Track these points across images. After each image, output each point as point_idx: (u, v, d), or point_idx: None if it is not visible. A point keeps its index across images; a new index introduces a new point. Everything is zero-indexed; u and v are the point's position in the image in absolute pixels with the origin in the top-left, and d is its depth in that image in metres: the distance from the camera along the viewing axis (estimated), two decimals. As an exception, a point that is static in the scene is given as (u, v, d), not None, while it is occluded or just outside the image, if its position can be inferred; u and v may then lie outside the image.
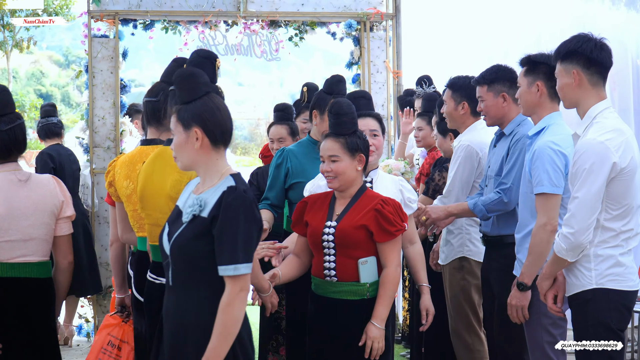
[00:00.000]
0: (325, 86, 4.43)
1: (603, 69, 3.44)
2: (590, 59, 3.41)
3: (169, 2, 6.96)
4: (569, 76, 3.45)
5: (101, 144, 6.87)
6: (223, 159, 2.90)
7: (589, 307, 3.35)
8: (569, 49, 3.47)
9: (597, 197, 3.27)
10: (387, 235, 3.47)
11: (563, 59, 3.48)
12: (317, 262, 3.61)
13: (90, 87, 6.85)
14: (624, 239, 3.37)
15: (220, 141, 2.88)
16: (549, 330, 3.85)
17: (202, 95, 2.87)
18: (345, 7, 7.16)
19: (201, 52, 3.43)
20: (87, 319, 7.10)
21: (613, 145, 3.27)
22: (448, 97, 4.86)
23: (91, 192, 6.82)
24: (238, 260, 2.73)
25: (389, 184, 3.94)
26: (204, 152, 2.86)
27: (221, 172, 2.86)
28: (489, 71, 4.39)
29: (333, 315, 3.53)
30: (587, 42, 3.43)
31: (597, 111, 3.40)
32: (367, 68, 7.15)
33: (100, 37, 6.92)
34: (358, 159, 3.55)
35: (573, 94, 3.46)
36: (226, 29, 7.11)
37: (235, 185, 2.79)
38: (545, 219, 3.66)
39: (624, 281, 3.34)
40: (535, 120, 3.99)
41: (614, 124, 3.37)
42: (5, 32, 25.11)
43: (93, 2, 6.85)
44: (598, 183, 3.26)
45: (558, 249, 3.37)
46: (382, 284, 3.48)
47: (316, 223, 3.59)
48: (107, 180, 3.87)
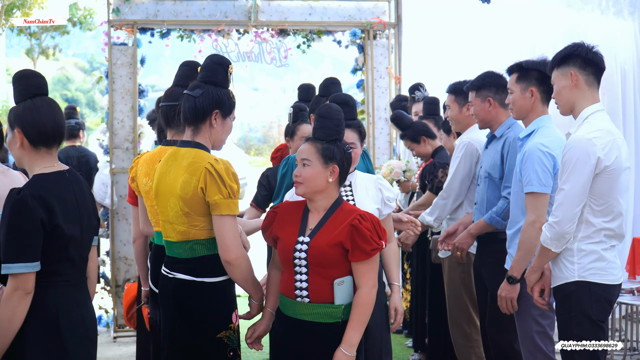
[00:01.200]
0: (320, 89, 4.39)
1: (598, 70, 3.47)
2: (586, 59, 3.44)
3: (185, 12, 7.01)
4: (566, 78, 3.46)
5: (120, 145, 6.91)
6: (43, 160, 2.91)
7: (572, 299, 3.37)
8: (565, 53, 3.50)
9: (582, 189, 3.29)
10: (362, 254, 3.02)
11: (559, 64, 3.50)
12: (286, 280, 3.16)
13: (110, 91, 6.90)
14: (606, 235, 3.38)
15: (39, 142, 2.87)
16: (538, 321, 3.88)
17: (28, 97, 2.87)
18: (350, 17, 7.19)
19: (214, 57, 3.33)
20: (107, 310, 7.15)
21: (600, 143, 3.29)
22: (451, 101, 4.88)
23: (110, 191, 6.86)
24: (10, 259, 2.70)
25: (368, 183, 3.71)
26: (25, 152, 2.89)
27: (35, 172, 2.89)
28: (477, 78, 4.44)
29: (303, 338, 3.10)
30: (582, 46, 3.48)
31: (589, 112, 3.42)
32: (371, 74, 7.19)
33: (119, 44, 6.96)
34: (331, 170, 3.13)
35: (570, 95, 3.47)
36: (238, 37, 7.15)
37: (19, 187, 2.78)
38: (534, 216, 3.69)
39: (606, 275, 3.36)
40: (526, 123, 4.02)
41: (604, 124, 3.39)
42: (32, 40, 25.25)
43: (113, 12, 6.90)
44: (584, 176, 3.28)
45: (543, 238, 3.40)
46: (355, 307, 3.04)
47: (287, 238, 3.15)
48: (130, 175, 3.92)
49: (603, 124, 3.39)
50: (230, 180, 3.11)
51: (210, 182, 3.08)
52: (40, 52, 25.59)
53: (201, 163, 3.11)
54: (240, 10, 7.07)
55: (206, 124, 3.23)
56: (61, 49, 27.08)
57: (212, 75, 3.25)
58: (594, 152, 3.28)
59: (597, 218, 3.36)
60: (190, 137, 3.23)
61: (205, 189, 3.08)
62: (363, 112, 7.32)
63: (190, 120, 3.23)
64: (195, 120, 3.22)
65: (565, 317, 3.40)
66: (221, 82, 3.26)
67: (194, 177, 3.10)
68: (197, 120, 3.22)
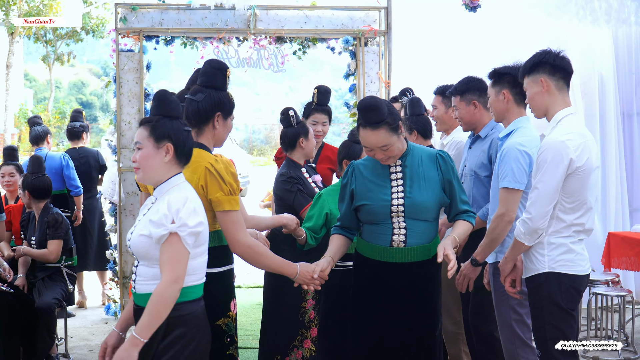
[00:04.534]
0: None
1: (566, 74, 3.47)
2: (554, 65, 3.44)
3: (188, 20, 7.00)
4: (537, 85, 3.46)
5: (127, 145, 6.90)
6: None
7: (542, 289, 3.37)
8: (534, 61, 3.49)
9: (555, 188, 3.30)
10: None
11: (530, 71, 3.50)
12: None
13: (118, 95, 6.89)
14: (575, 230, 3.39)
15: None
16: (516, 310, 3.88)
17: None
18: (343, 25, 7.19)
19: (213, 62, 3.33)
20: (115, 300, 7.15)
21: (572, 144, 3.29)
22: (439, 102, 4.89)
23: (118, 188, 6.86)
24: None
25: None
26: None
27: None
28: (460, 83, 4.43)
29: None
30: (549, 53, 3.47)
31: (562, 115, 3.42)
32: (362, 79, 7.17)
33: (126, 51, 6.95)
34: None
35: (542, 100, 3.47)
36: (238, 44, 7.13)
37: None
38: (504, 210, 3.69)
39: (574, 266, 3.36)
40: (505, 124, 4.03)
41: (576, 127, 3.39)
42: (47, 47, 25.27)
43: (120, 20, 6.89)
44: (557, 176, 3.28)
45: (517, 232, 3.40)
46: None
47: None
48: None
49: (575, 127, 3.39)
50: (230, 178, 3.14)
51: (210, 180, 3.11)
52: (56, 58, 25.59)
53: (202, 163, 3.13)
54: (240, 19, 7.07)
55: (209, 125, 3.27)
56: (75, 56, 27.06)
57: (211, 80, 3.28)
58: (567, 154, 3.28)
59: (567, 215, 3.37)
60: (194, 138, 3.23)
61: (205, 186, 3.10)
62: (355, 115, 7.31)
63: (194, 122, 3.25)
64: (198, 123, 3.26)
65: (537, 306, 3.41)
66: (220, 86, 3.29)
67: (195, 175, 3.13)
68: (200, 122, 3.26)
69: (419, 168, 3.47)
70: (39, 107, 28.58)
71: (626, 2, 7.13)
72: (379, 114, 3.33)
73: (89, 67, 56.10)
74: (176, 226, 2.78)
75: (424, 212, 3.41)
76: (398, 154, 3.44)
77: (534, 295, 3.42)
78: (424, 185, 3.43)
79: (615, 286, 6.01)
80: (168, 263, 2.77)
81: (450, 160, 3.51)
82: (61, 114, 26.83)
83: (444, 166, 3.49)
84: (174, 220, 2.79)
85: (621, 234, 6.41)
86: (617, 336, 5.94)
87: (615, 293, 5.76)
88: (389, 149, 3.38)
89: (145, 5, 6.93)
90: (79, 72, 53.76)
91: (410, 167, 3.47)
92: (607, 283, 6.02)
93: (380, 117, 3.33)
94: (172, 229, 2.77)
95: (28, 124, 7.98)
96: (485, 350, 4.22)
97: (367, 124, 3.35)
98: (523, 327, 3.87)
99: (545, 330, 3.35)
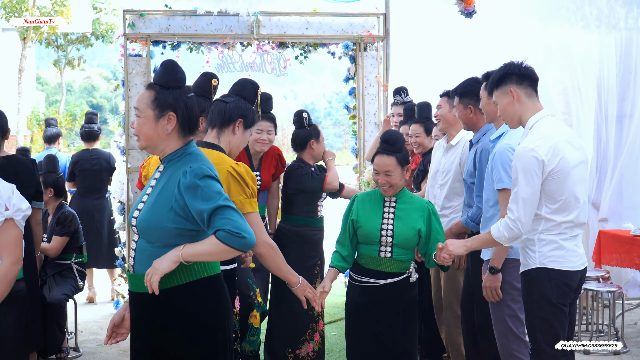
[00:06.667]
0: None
1: (533, 81, 3.46)
2: (520, 75, 3.44)
3: (193, 26, 6.99)
4: (507, 96, 3.46)
5: (135, 146, 6.90)
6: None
7: (534, 284, 3.37)
8: (501, 74, 3.49)
9: (534, 195, 3.28)
10: None
11: (497, 84, 3.49)
12: None
13: (126, 98, 6.89)
14: (566, 227, 3.37)
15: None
16: (510, 305, 3.87)
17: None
18: (343, 31, 7.18)
19: (248, 78, 3.58)
20: (123, 295, 7.13)
21: (541, 150, 3.27)
22: (444, 102, 4.85)
23: (127, 187, 6.86)
24: None
25: None
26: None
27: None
28: (461, 84, 4.40)
29: None
30: (514, 65, 3.48)
31: (533, 121, 3.40)
32: (362, 82, 7.17)
33: (134, 56, 6.95)
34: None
35: (514, 109, 3.45)
36: (242, 49, 7.13)
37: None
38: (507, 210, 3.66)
39: (564, 262, 3.35)
40: (497, 127, 4.01)
41: (547, 131, 3.35)
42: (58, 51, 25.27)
43: (129, 26, 6.89)
44: (533, 182, 3.27)
45: (498, 235, 3.36)
46: None
47: None
48: (143, 173, 3.92)
49: (546, 130, 3.35)
50: (251, 182, 3.17)
51: (233, 183, 3.12)
52: (67, 62, 25.59)
53: (223, 165, 3.13)
54: (244, 24, 7.07)
55: (230, 128, 3.29)
56: (86, 60, 27.09)
57: (242, 90, 3.47)
58: (538, 161, 3.26)
59: (555, 215, 3.35)
60: (212, 139, 3.27)
61: (228, 189, 3.10)
62: (355, 117, 7.31)
63: (217, 122, 3.29)
64: (221, 123, 3.29)
65: (529, 300, 3.40)
66: (249, 98, 3.43)
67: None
68: (223, 123, 3.28)
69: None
70: (51, 110, 28.56)
71: (616, 9, 7.12)
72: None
73: (99, 71, 56.14)
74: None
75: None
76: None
77: (526, 289, 3.42)
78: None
79: (605, 282, 6.00)
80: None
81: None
82: (72, 117, 26.84)
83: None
84: None
85: (611, 231, 6.40)
86: (607, 330, 5.93)
87: (606, 289, 5.75)
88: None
89: (153, 11, 6.93)
90: (90, 76, 53.82)
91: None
92: (597, 279, 6.01)
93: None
94: None
95: (44, 124, 8.08)
96: (479, 344, 4.20)
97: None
98: (516, 321, 3.86)
99: (535, 323, 3.35)
